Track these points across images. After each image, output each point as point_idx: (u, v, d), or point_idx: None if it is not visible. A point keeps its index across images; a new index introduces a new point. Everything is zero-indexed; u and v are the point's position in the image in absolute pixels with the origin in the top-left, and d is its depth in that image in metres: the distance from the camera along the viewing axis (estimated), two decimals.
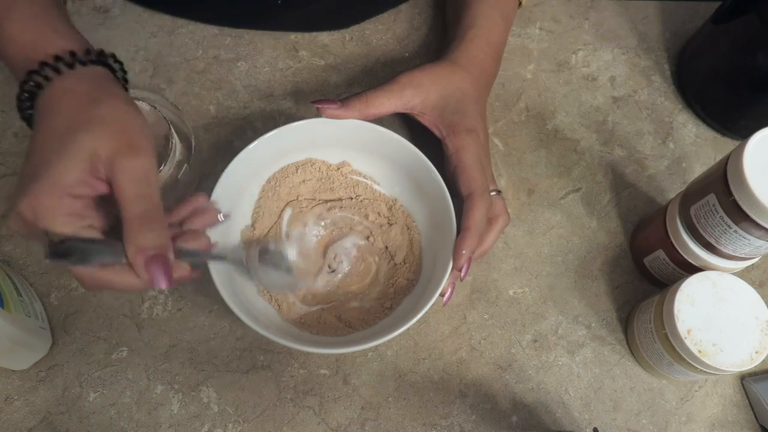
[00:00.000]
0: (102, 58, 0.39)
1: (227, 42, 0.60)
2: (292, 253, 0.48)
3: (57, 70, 0.37)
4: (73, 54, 0.37)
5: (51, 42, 0.38)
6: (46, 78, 0.37)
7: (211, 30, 0.61)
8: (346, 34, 0.62)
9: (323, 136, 0.50)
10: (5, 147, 0.53)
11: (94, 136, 0.34)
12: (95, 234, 0.35)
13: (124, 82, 0.42)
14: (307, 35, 0.61)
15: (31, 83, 0.37)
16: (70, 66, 0.37)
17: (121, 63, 0.41)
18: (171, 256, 0.35)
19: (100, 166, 0.34)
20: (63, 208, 0.34)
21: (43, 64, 0.37)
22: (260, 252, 0.44)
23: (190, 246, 0.38)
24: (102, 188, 0.35)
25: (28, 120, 0.39)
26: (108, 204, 0.36)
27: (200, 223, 0.39)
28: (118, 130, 0.35)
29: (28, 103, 0.38)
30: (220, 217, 0.41)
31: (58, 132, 0.35)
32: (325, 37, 0.62)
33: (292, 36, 0.61)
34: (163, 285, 0.34)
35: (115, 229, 0.36)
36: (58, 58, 0.37)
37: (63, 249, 0.34)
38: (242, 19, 0.60)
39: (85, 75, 0.38)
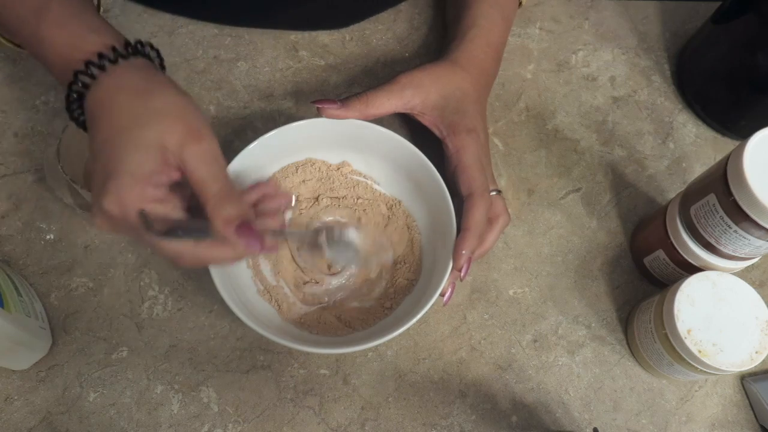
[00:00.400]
0: (141, 49, 0.40)
1: (227, 42, 0.60)
2: (354, 234, 0.48)
3: (102, 68, 0.37)
4: (114, 49, 0.38)
5: (90, 40, 0.38)
6: (92, 77, 0.37)
7: (211, 30, 0.61)
8: (346, 34, 0.62)
9: (323, 136, 0.50)
10: (5, 147, 0.53)
11: (159, 129, 0.35)
12: (182, 215, 0.37)
13: (162, 69, 0.42)
14: (307, 35, 0.61)
15: (79, 84, 0.37)
16: (114, 62, 0.37)
17: (157, 50, 0.42)
18: (255, 222, 0.37)
19: (170, 155, 0.36)
20: (148, 197, 0.35)
21: (88, 63, 0.37)
22: (327, 234, 0.46)
23: (268, 225, 0.40)
24: (175, 175, 0.37)
25: (78, 120, 0.39)
26: (180, 189, 0.38)
27: (275, 204, 0.42)
28: (179, 119, 0.36)
29: (77, 103, 0.38)
30: (292, 201, 0.44)
31: (120, 128, 0.36)
32: (325, 37, 0.62)
33: (292, 36, 0.61)
34: (257, 249, 0.37)
35: (190, 212, 0.38)
36: (101, 55, 0.37)
37: (171, 229, 0.36)
38: (242, 16, 0.60)
39: (130, 68, 0.38)
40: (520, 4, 0.59)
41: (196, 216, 0.38)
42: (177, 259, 0.38)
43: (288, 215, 0.51)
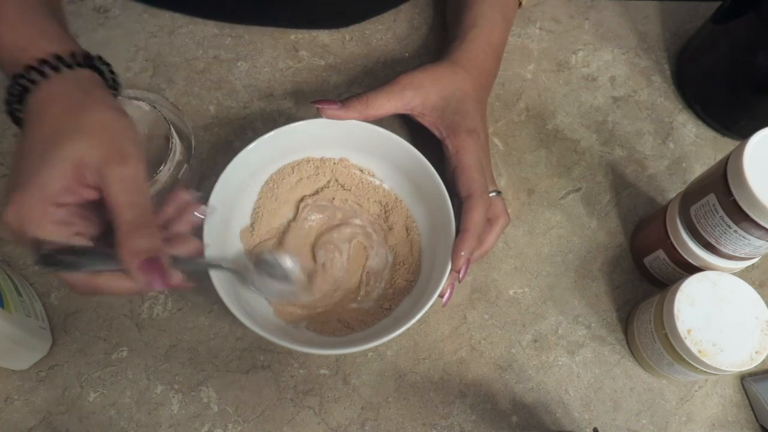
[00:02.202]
0: (89, 61, 0.39)
1: (227, 42, 0.60)
2: (290, 262, 0.47)
3: (43, 74, 0.36)
4: (58, 57, 0.37)
5: (37, 45, 0.37)
6: (33, 82, 0.36)
7: (211, 30, 0.61)
8: (346, 34, 0.62)
9: (322, 136, 0.50)
10: (5, 147, 0.53)
11: (81, 145, 0.34)
12: (84, 241, 0.35)
13: (114, 84, 0.41)
14: (307, 35, 0.61)
15: (17, 87, 0.37)
16: (56, 69, 0.37)
17: (108, 65, 0.41)
18: (164, 258, 0.35)
19: (88, 173, 0.34)
20: (49, 217, 0.34)
21: (29, 67, 0.36)
22: (256, 262, 0.44)
23: (180, 252, 0.38)
24: (89, 195, 0.35)
25: (18, 123, 0.39)
26: (95, 210, 0.36)
27: (185, 224, 0.39)
28: (105, 138, 0.35)
29: (15, 105, 0.37)
30: (201, 214, 0.41)
31: (44, 139, 0.35)
32: (325, 37, 0.62)
33: (292, 36, 0.61)
34: (158, 286, 0.35)
35: (103, 237, 0.36)
36: (43, 61, 0.36)
37: (53, 257, 0.34)
38: (242, 14, 0.60)
39: (72, 79, 0.37)
40: (520, 4, 0.59)
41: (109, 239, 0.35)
42: (71, 288, 0.36)
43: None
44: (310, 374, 0.49)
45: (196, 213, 0.40)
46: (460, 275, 0.45)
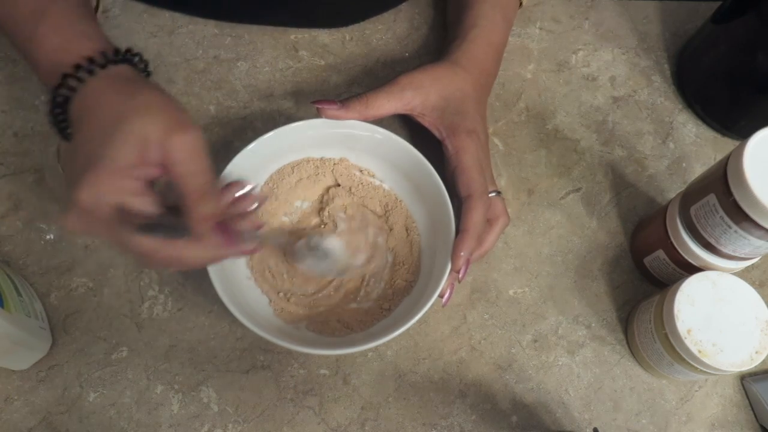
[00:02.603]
0: (129, 57, 0.40)
1: (227, 42, 0.60)
2: (334, 243, 0.49)
3: (91, 72, 0.37)
4: (104, 54, 0.38)
5: (81, 44, 0.38)
6: (80, 80, 0.37)
7: (211, 30, 0.61)
8: (346, 33, 0.62)
9: (322, 136, 0.50)
10: (5, 147, 0.53)
11: (142, 121, 0.35)
12: (159, 210, 0.36)
13: (148, 74, 0.42)
14: (307, 35, 0.61)
15: (66, 87, 0.37)
16: (102, 66, 0.38)
17: (146, 62, 0.42)
18: (232, 223, 0.37)
19: (152, 149, 0.35)
20: (125, 188, 0.35)
21: (77, 66, 0.37)
22: (306, 244, 0.47)
23: (243, 226, 0.40)
24: (155, 172, 0.36)
25: (60, 126, 0.39)
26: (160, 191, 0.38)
27: (248, 204, 0.42)
28: (163, 113, 0.36)
29: (60, 108, 0.38)
30: (264, 200, 0.44)
31: (104, 124, 0.36)
32: (325, 37, 0.62)
33: (292, 36, 0.61)
34: (232, 250, 0.37)
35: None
36: (91, 60, 0.37)
37: (146, 225, 0.35)
38: (241, 12, 0.60)
39: (116, 73, 0.38)
40: (521, 4, 0.59)
41: (173, 213, 0.37)
42: (149, 257, 0.37)
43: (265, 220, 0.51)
44: (310, 374, 0.49)
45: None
46: (460, 275, 0.45)
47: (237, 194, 0.42)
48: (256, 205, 0.42)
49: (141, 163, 0.35)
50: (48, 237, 0.51)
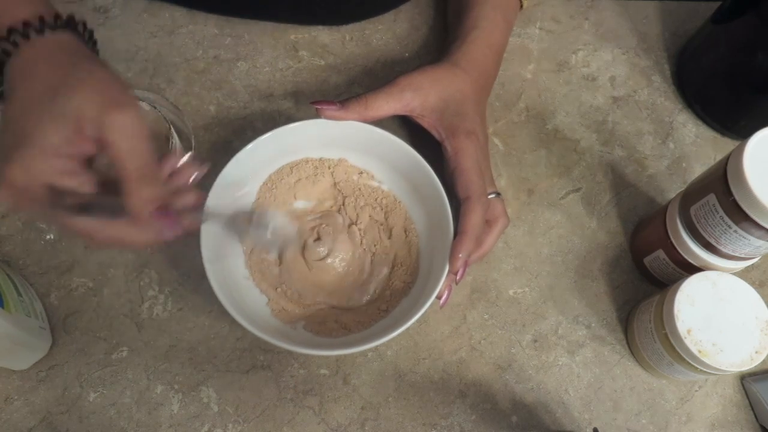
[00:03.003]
0: (71, 24, 0.38)
1: (227, 42, 0.60)
2: (279, 217, 0.47)
3: (26, 36, 0.36)
4: (41, 19, 0.36)
5: (19, 7, 0.36)
6: (15, 44, 0.36)
7: (211, 30, 0.61)
8: (346, 33, 0.62)
9: (321, 137, 0.50)
10: None
11: (78, 96, 0.34)
12: (93, 189, 0.35)
13: (93, 44, 0.41)
14: (307, 35, 0.61)
15: (0, 51, 0.36)
16: (40, 32, 0.36)
17: (91, 31, 0.40)
18: (173, 206, 0.35)
19: (87, 125, 0.34)
20: (58, 168, 0.34)
21: (11, 30, 0.36)
22: (250, 215, 0.46)
23: (184, 202, 0.38)
24: (89, 148, 0.35)
25: None
26: (89, 169, 0.36)
27: (184, 178, 0.39)
28: (100, 88, 0.34)
29: None
30: (199, 171, 0.41)
31: (37, 97, 0.34)
32: (325, 37, 0.62)
33: (292, 36, 0.61)
34: (169, 234, 0.35)
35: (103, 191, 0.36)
36: (26, 23, 0.36)
37: (81, 206, 0.34)
38: (241, 7, 0.60)
39: (56, 41, 0.37)
40: (522, 6, 0.59)
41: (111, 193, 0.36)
42: (87, 238, 0.36)
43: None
44: (310, 374, 0.49)
45: (195, 172, 0.40)
46: (458, 277, 0.45)
47: (174, 164, 0.39)
48: (194, 176, 0.40)
49: (73, 141, 0.34)
50: (48, 237, 0.51)
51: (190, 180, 0.40)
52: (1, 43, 0.36)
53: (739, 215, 0.42)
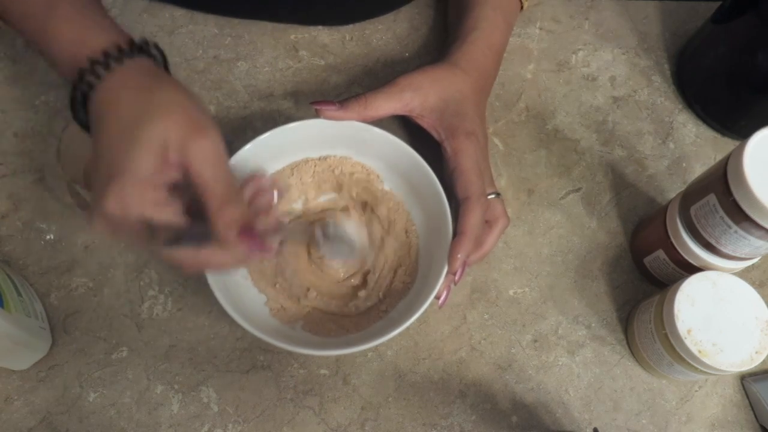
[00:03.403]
0: (146, 48, 0.39)
1: (227, 42, 0.60)
2: (352, 228, 0.48)
3: (107, 67, 0.37)
4: (119, 48, 0.37)
5: (97, 38, 0.37)
6: (98, 76, 0.36)
7: (211, 30, 0.61)
8: (346, 33, 0.62)
9: (321, 137, 0.50)
10: (5, 147, 0.53)
11: (161, 124, 0.34)
12: (183, 220, 0.36)
13: (167, 66, 0.42)
14: (307, 35, 0.61)
15: (84, 83, 0.37)
16: (119, 61, 0.37)
17: (162, 51, 0.41)
18: (256, 228, 0.36)
19: (171, 152, 0.35)
20: (150, 200, 0.34)
21: (94, 62, 0.36)
22: (323, 228, 0.47)
23: (266, 223, 0.39)
24: (174, 175, 0.36)
25: (82, 120, 0.39)
26: (177, 189, 0.37)
27: (267, 198, 0.40)
28: (182, 114, 0.35)
29: (81, 104, 0.38)
30: (276, 195, 0.42)
31: (123, 125, 0.35)
32: (325, 37, 0.62)
33: (292, 36, 0.61)
34: (257, 254, 0.36)
35: (189, 214, 0.37)
36: (107, 54, 0.37)
37: (173, 237, 0.35)
38: (241, 7, 0.60)
39: (134, 67, 0.38)
40: (522, 7, 0.59)
41: (194, 217, 0.37)
42: (179, 268, 0.37)
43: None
44: (310, 374, 0.49)
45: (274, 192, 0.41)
46: (456, 278, 0.45)
47: (258, 186, 0.40)
48: (276, 197, 0.41)
49: (161, 169, 0.35)
50: (48, 237, 0.51)
51: (273, 201, 0.41)
52: (86, 76, 0.36)
53: (739, 215, 0.42)
